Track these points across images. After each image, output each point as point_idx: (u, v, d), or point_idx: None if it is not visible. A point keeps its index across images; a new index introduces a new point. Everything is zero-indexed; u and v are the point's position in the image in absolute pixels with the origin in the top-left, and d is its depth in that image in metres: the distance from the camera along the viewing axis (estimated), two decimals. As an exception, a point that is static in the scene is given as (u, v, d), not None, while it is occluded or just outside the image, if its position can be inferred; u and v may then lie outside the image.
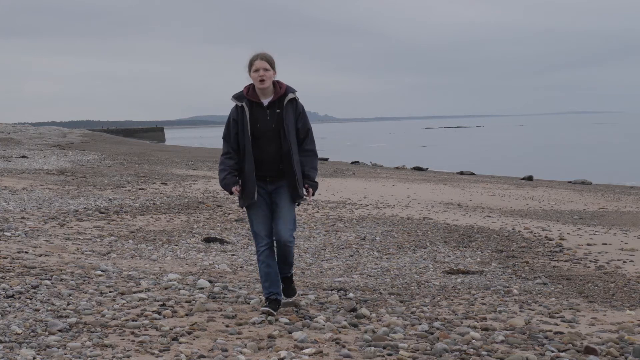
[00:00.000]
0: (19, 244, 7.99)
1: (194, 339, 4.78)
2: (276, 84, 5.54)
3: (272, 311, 5.40)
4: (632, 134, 79.79)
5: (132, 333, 4.83)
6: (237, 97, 5.55)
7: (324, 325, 5.20)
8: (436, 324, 5.40)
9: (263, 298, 5.70)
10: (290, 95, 5.50)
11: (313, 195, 5.62)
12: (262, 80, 5.41)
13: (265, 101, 5.48)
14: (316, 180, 5.62)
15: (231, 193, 5.46)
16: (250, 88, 5.53)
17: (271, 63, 5.48)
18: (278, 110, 5.46)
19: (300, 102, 5.59)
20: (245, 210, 5.65)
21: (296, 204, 5.60)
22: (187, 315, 5.36)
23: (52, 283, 6.06)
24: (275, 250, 5.63)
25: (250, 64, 5.49)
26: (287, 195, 5.50)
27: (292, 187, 5.48)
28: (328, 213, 12.96)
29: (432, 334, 5.12)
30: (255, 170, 5.47)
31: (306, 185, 5.54)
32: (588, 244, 10.09)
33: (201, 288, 6.31)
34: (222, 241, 9.43)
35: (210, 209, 12.71)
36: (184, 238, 9.56)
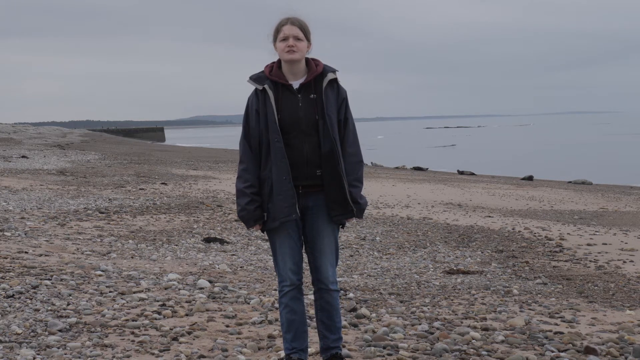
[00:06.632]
0: (19, 244, 7.98)
1: (194, 339, 4.78)
2: (310, 62, 4.11)
3: None
4: (632, 134, 79.76)
5: (132, 333, 4.83)
6: (256, 78, 4.08)
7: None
8: (436, 324, 5.40)
9: (283, 355, 4.28)
10: (331, 76, 4.06)
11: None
12: (291, 52, 3.99)
13: (296, 83, 4.06)
14: (362, 199, 4.12)
15: (249, 228, 4.10)
16: (274, 66, 4.10)
17: (305, 31, 4.06)
18: (313, 96, 4.03)
19: (343, 86, 4.17)
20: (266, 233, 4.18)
21: (340, 227, 4.19)
22: (187, 315, 5.36)
23: (52, 283, 6.06)
24: (314, 302, 4.25)
25: (277, 31, 4.06)
26: (327, 216, 4.09)
27: (333, 204, 4.06)
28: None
29: (432, 334, 5.12)
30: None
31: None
32: (588, 244, 10.10)
33: (201, 288, 6.31)
34: (222, 241, 9.43)
35: (210, 209, 12.70)
36: (184, 238, 9.56)
